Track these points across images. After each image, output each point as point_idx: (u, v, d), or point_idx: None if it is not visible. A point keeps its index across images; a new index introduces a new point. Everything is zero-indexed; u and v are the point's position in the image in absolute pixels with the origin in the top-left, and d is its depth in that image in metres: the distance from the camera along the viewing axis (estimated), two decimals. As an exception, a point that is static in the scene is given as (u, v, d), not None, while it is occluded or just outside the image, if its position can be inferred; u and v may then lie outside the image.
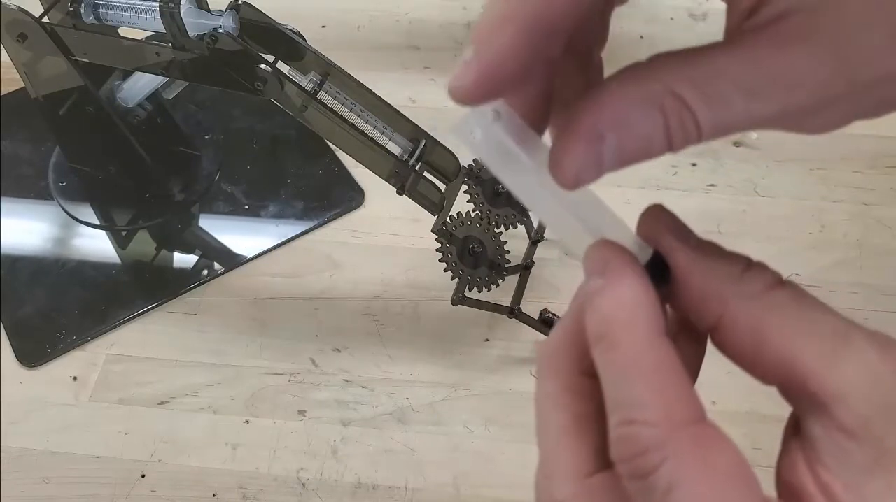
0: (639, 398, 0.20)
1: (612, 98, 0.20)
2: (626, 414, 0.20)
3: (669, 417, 0.19)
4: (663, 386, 0.20)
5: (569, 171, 0.20)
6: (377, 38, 0.79)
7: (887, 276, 0.61)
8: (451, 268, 0.52)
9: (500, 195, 0.56)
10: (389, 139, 0.53)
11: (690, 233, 0.22)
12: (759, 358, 0.20)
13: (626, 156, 0.20)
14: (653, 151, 0.20)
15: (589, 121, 0.20)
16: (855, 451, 0.19)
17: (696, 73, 0.19)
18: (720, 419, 0.20)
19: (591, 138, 0.20)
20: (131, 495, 0.53)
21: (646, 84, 0.19)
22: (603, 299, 0.21)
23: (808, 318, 0.20)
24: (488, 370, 0.58)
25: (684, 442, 0.19)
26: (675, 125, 0.19)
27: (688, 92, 0.19)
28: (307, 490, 0.53)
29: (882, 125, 0.70)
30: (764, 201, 0.66)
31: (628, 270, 0.21)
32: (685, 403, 0.20)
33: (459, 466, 0.54)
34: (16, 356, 0.59)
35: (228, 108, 0.73)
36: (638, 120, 0.19)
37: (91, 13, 0.55)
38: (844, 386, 0.19)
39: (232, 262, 0.64)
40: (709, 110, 0.19)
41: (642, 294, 0.21)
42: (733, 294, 0.21)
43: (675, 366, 0.20)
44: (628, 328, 0.20)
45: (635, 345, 0.20)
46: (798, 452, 0.21)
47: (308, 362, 0.58)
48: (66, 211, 0.67)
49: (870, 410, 0.19)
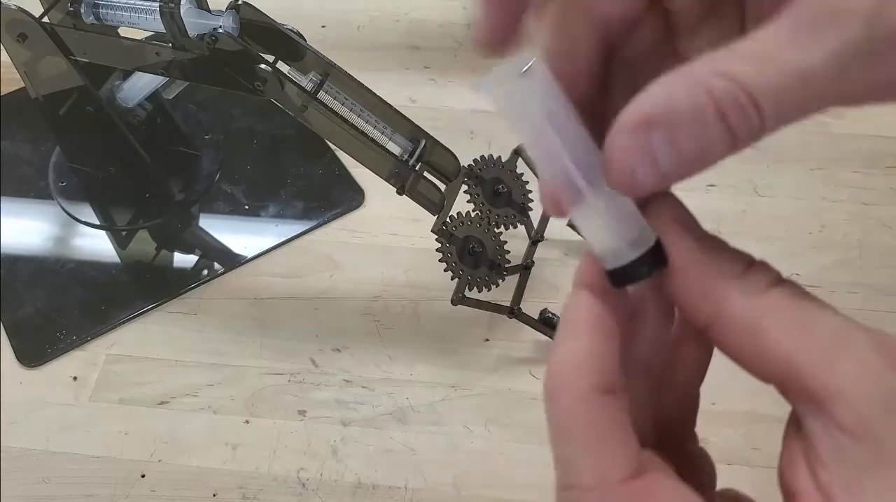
0: (573, 459, 0.20)
1: (656, 88, 0.19)
2: (565, 477, 0.20)
3: (604, 477, 0.20)
4: (596, 448, 0.20)
5: (622, 169, 0.19)
6: (377, 38, 0.79)
7: (887, 276, 0.61)
8: (451, 268, 0.52)
9: (500, 195, 0.56)
10: (389, 139, 0.53)
11: (697, 227, 0.22)
12: (757, 356, 0.20)
13: (682, 150, 0.19)
14: (713, 143, 0.18)
15: (632, 112, 0.19)
16: (854, 450, 0.19)
17: (743, 47, 0.18)
18: (720, 419, 0.20)
19: (636, 128, 0.19)
20: (131, 495, 0.53)
21: (687, 71, 0.19)
22: (553, 353, 0.21)
23: (806, 317, 0.20)
24: (488, 370, 0.58)
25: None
26: (729, 107, 0.18)
27: (737, 68, 0.18)
28: (307, 490, 0.53)
29: (882, 125, 0.70)
30: (764, 201, 0.66)
31: (578, 326, 0.21)
32: (620, 461, 0.20)
33: (459, 466, 0.54)
34: (16, 356, 0.59)
35: (228, 108, 0.73)
36: (685, 105, 0.18)
37: (91, 13, 0.55)
38: (843, 384, 0.19)
39: (232, 262, 0.64)
40: (764, 81, 0.18)
41: (585, 351, 0.21)
42: (732, 292, 0.21)
43: (611, 425, 0.20)
44: (566, 388, 0.21)
45: (571, 405, 0.20)
46: (798, 451, 0.21)
47: (308, 362, 0.58)
48: (66, 211, 0.67)
49: (869, 409, 0.19)
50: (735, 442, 0.52)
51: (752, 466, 0.51)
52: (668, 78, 0.19)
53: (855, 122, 0.70)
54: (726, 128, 0.18)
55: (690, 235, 0.22)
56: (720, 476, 0.22)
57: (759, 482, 0.21)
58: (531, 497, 0.52)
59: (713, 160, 0.19)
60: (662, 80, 0.19)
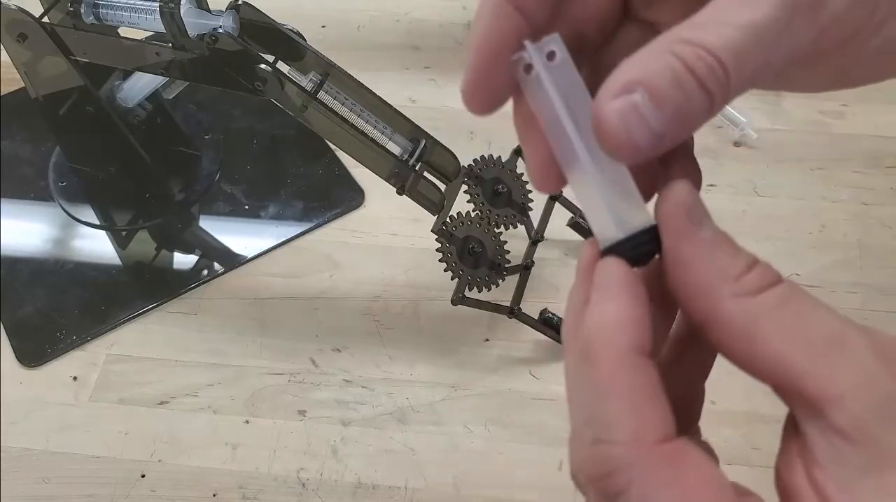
0: (610, 417, 0.20)
1: (629, 62, 0.20)
2: (597, 433, 0.20)
3: (638, 437, 0.20)
4: (635, 406, 0.20)
5: (616, 131, 0.20)
6: (377, 38, 0.79)
7: (887, 276, 0.61)
8: (451, 268, 0.52)
9: (500, 195, 0.56)
10: (389, 139, 0.53)
11: (705, 222, 0.22)
12: (753, 357, 0.20)
13: (666, 109, 0.20)
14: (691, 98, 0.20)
15: (613, 82, 0.20)
16: (849, 453, 0.19)
17: (704, 16, 0.20)
18: (720, 419, 0.20)
19: (621, 90, 0.20)
20: (131, 495, 0.53)
21: (654, 43, 0.20)
22: (590, 314, 0.21)
23: (803, 318, 0.20)
24: (488, 370, 0.58)
25: (653, 462, 0.19)
26: (694, 64, 0.19)
27: (700, 35, 0.20)
28: (307, 490, 0.53)
29: (882, 125, 0.70)
30: (764, 201, 0.66)
31: (618, 288, 0.21)
32: (656, 423, 0.20)
33: (459, 466, 0.54)
34: (16, 356, 0.59)
35: (228, 108, 0.73)
36: (659, 70, 0.19)
37: (91, 13, 0.55)
38: (839, 387, 0.19)
39: (232, 262, 0.64)
40: (725, 42, 0.19)
41: (626, 311, 0.21)
42: (729, 292, 0.21)
43: (649, 386, 0.21)
44: (608, 347, 0.21)
45: (612, 364, 0.21)
46: (794, 452, 0.21)
47: (308, 362, 0.58)
48: (66, 211, 0.67)
49: (865, 412, 0.19)
50: (735, 442, 0.52)
51: (752, 466, 0.51)
52: (639, 52, 0.20)
53: (855, 122, 0.70)
54: (700, 85, 0.20)
55: (695, 229, 0.22)
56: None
57: (759, 482, 0.21)
58: (531, 497, 0.52)
59: (697, 118, 0.20)
60: (634, 55, 0.20)
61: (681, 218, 0.22)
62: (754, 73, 0.20)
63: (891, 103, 0.72)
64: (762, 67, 0.20)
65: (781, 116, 0.70)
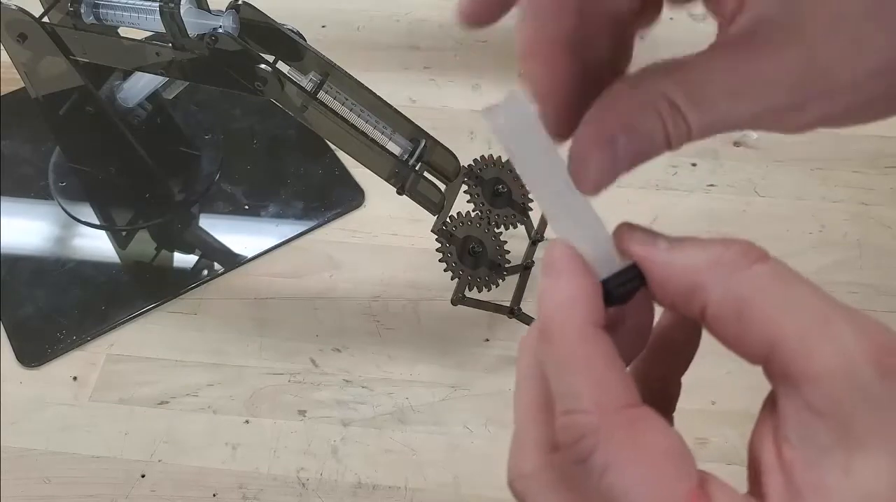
0: (573, 388, 0.21)
1: (619, 104, 0.21)
2: (564, 405, 0.21)
3: (601, 404, 0.21)
4: (595, 376, 0.21)
5: (590, 178, 0.22)
6: (377, 38, 0.79)
7: (887, 276, 0.61)
8: (451, 268, 0.52)
9: (500, 195, 0.56)
10: (389, 139, 0.53)
11: (660, 238, 0.23)
12: (742, 338, 0.21)
13: (635, 156, 0.22)
14: (655, 150, 0.22)
15: (600, 126, 0.22)
16: (820, 432, 0.20)
17: (686, 78, 0.21)
18: (720, 419, 0.20)
19: (604, 142, 0.21)
20: (131, 495, 0.53)
21: (645, 90, 0.21)
22: (544, 297, 0.23)
23: (789, 297, 0.21)
24: (488, 370, 0.58)
25: (616, 426, 0.21)
26: (670, 125, 0.21)
27: (679, 96, 0.21)
28: (307, 490, 0.53)
29: (882, 125, 0.70)
30: (764, 201, 0.66)
31: (567, 268, 0.23)
32: (617, 390, 0.21)
33: (459, 466, 0.54)
34: (16, 356, 0.59)
35: (228, 108, 0.73)
36: (641, 122, 0.21)
37: (91, 13, 0.55)
38: (818, 367, 0.20)
39: (232, 262, 0.64)
40: (696, 112, 0.21)
41: (576, 290, 0.22)
42: (712, 280, 0.21)
43: (606, 356, 0.22)
44: (564, 323, 0.22)
45: (569, 338, 0.22)
46: (768, 427, 0.21)
47: (308, 362, 0.58)
48: (66, 211, 0.67)
49: (840, 393, 0.20)
50: (735, 441, 0.52)
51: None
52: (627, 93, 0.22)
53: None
54: (667, 139, 0.21)
55: (656, 247, 0.23)
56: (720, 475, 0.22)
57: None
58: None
59: (649, 159, 0.22)
60: (621, 96, 0.22)
61: (637, 244, 0.23)
62: (719, 131, 0.22)
63: (891, 103, 0.72)
64: (731, 129, 0.22)
65: (781, 116, 0.70)
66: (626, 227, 0.24)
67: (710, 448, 0.52)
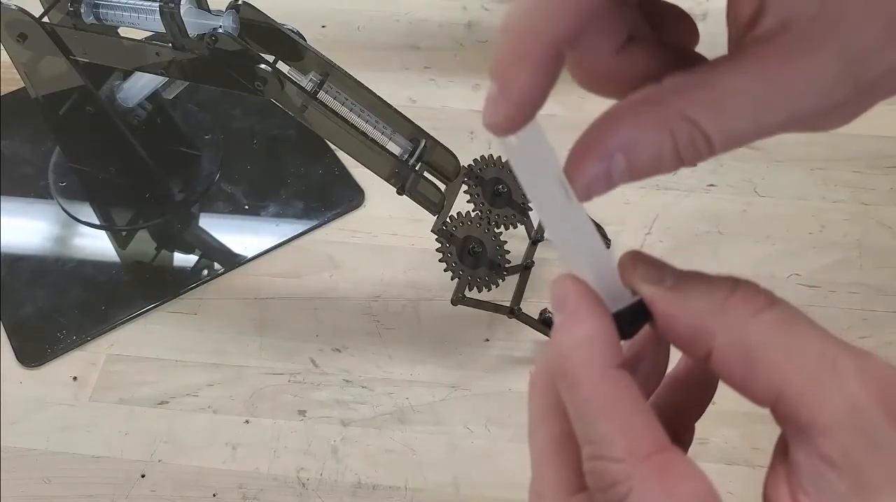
0: (602, 435, 0.21)
1: (623, 122, 0.21)
2: (593, 450, 0.21)
3: (632, 451, 0.20)
4: (622, 422, 0.21)
5: (580, 184, 0.21)
6: (377, 38, 0.79)
7: (887, 276, 0.61)
8: (451, 268, 0.52)
9: (500, 195, 0.56)
10: (389, 139, 0.53)
11: (666, 273, 0.23)
12: (749, 383, 0.21)
13: (635, 173, 0.21)
14: (663, 168, 0.21)
15: (600, 142, 0.21)
16: (835, 481, 0.20)
17: (707, 94, 0.20)
18: (720, 419, 0.20)
19: (601, 157, 0.21)
20: (131, 495, 0.53)
21: (657, 108, 0.20)
22: (560, 337, 0.22)
23: (795, 343, 0.20)
24: (488, 370, 0.58)
25: (648, 473, 0.20)
26: (684, 145, 0.20)
27: (700, 113, 0.20)
28: (307, 490, 0.53)
29: (882, 125, 0.70)
30: (764, 201, 0.66)
31: (583, 306, 0.22)
32: (646, 434, 0.21)
33: (459, 466, 0.54)
34: (16, 356, 0.59)
35: (228, 108, 0.73)
36: (647, 142, 0.20)
37: (91, 13, 0.55)
38: (828, 416, 0.20)
39: (232, 262, 0.64)
40: (720, 127, 0.20)
41: (595, 329, 0.22)
42: (719, 327, 0.21)
43: (631, 399, 0.21)
44: (584, 366, 0.21)
45: (591, 383, 0.21)
46: (782, 474, 0.21)
47: (308, 362, 0.58)
48: (66, 211, 0.67)
49: (850, 440, 0.19)
50: (735, 442, 0.52)
51: (752, 466, 0.51)
52: (636, 110, 0.21)
53: (855, 121, 0.70)
54: (679, 158, 0.21)
55: (662, 286, 0.22)
56: (720, 475, 0.22)
57: (759, 482, 0.22)
58: (531, 497, 0.52)
59: (658, 174, 0.21)
60: (628, 112, 0.21)
61: (643, 282, 0.22)
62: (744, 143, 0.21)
63: (891, 103, 0.71)
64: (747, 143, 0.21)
65: (781, 116, 0.70)
66: (631, 259, 0.23)
67: (710, 448, 0.52)
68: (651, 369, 0.25)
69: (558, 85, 0.21)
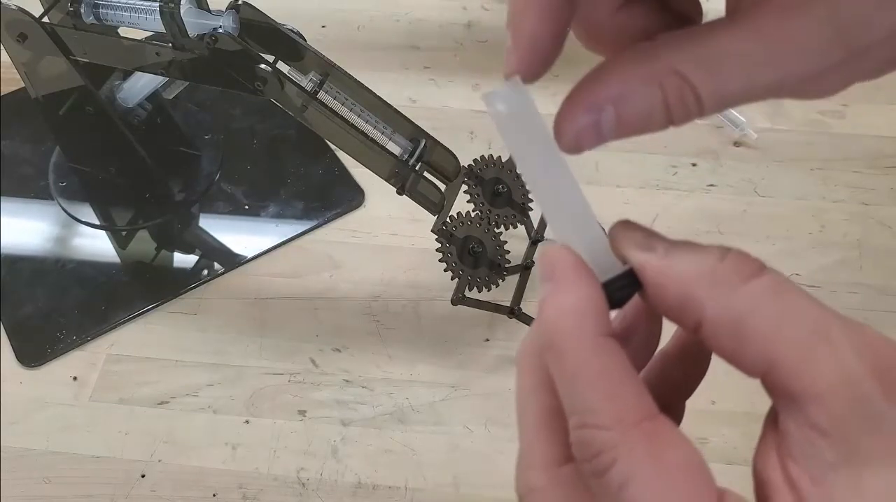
0: (589, 403, 0.21)
1: (614, 74, 0.21)
2: (580, 419, 0.21)
3: (620, 418, 0.20)
4: (611, 390, 0.21)
5: (568, 135, 0.21)
6: (377, 38, 0.79)
7: (887, 276, 0.61)
8: (451, 268, 0.52)
9: (500, 195, 0.56)
10: (389, 139, 0.53)
11: (657, 241, 0.22)
12: (740, 353, 0.20)
13: (624, 127, 0.21)
14: (653, 125, 0.21)
15: (590, 93, 0.21)
16: (825, 449, 0.19)
17: (699, 49, 0.20)
18: (720, 419, 0.20)
19: (590, 108, 0.21)
20: (131, 495, 0.53)
21: (648, 62, 0.21)
22: (547, 306, 0.22)
23: (786, 312, 0.20)
24: (488, 370, 0.58)
25: (635, 441, 0.20)
26: (674, 100, 0.20)
27: (690, 68, 0.20)
28: (307, 490, 0.53)
29: (882, 125, 0.70)
30: (764, 201, 0.66)
31: (571, 275, 0.22)
32: (634, 402, 0.21)
33: (459, 466, 0.54)
34: (16, 356, 0.59)
35: (228, 108, 0.73)
36: (637, 96, 0.21)
37: (91, 13, 0.55)
38: (819, 385, 0.19)
39: (232, 262, 0.64)
40: (710, 84, 0.20)
41: (584, 298, 0.21)
42: (708, 295, 0.21)
43: (620, 367, 0.21)
44: (572, 335, 0.21)
45: (580, 351, 0.21)
46: (772, 445, 0.21)
47: (308, 362, 0.58)
48: (66, 211, 0.67)
49: (842, 410, 0.19)
50: (735, 442, 0.52)
51: (750, 465, 0.51)
52: (627, 63, 0.21)
53: (855, 122, 0.70)
54: (668, 114, 0.21)
55: (654, 254, 0.22)
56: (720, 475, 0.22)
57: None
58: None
59: (648, 132, 0.21)
60: (619, 66, 0.21)
61: (634, 249, 0.22)
62: (734, 104, 0.21)
63: (891, 103, 0.72)
64: (739, 104, 0.21)
65: (781, 116, 0.70)
66: (623, 227, 0.23)
67: (710, 448, 0.52)
68: (643, 342, 0.25)
69: (558, 85, 0.21)
